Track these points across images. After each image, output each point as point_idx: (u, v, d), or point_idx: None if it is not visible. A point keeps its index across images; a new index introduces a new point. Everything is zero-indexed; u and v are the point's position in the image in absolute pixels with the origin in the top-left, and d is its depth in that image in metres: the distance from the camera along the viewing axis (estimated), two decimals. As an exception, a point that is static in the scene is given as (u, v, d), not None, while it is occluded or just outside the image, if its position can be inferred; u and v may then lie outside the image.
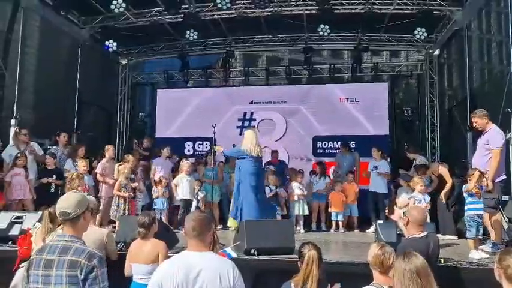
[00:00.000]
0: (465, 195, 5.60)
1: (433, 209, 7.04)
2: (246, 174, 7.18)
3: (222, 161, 9.56)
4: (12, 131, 8.40)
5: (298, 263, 3.49)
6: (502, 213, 5.93)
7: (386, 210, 8.39)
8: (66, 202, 2.62)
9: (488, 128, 5.87)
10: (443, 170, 7.73)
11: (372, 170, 8.90)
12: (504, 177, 5.84)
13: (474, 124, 5.99)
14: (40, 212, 5.33)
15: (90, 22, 10.94)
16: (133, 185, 7.45)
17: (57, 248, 2.50)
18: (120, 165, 7.62)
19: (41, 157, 7.95)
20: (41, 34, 10.01)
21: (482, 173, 5.45)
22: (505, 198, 6.17)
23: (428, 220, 6.61)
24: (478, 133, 6.06)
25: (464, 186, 5.71)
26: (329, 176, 9.65)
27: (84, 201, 2.70)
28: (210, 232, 2.74)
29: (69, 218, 2.57)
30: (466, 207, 5.65)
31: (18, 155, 7.24)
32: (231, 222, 8.14)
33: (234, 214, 7.29)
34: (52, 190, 7.48)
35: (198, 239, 2.61)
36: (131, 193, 7.35)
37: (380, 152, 9.04)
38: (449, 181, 7.50)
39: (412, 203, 6.49)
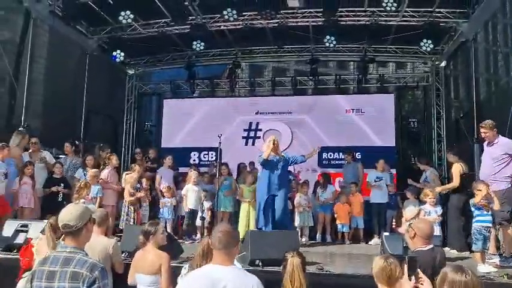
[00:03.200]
0: (472, 208, 5.54)
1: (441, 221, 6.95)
2: None
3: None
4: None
5: (282, 271, 3.33)
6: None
7: (394, 223, 8.31)
8: (68, 215, 2.59)
9: (496, 139, 5.82)
10: (455, 171, 7.25)
11: (375, 181, 8.81)
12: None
13: (483, 135, 5.91)
14: (46, 221, 5.32)
15: (99, 32, 11.07)
16: (139, 194, 7.46)
17: (60, 259, 2.48)
18: (128, 173, 7.62)
19: (52, 166, 7.99)
20: (50, 44, 10.14)
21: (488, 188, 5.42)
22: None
23: (439, 233, 6.55)
24: (481, 144, 6.00)
25: (471, 200, 5.64)
26: (333, 185, 9.57)
27: (86, 213, 2.67)
28: (237, 246, 2.69)
29: (71, 231, 2.56)
30: (473, 220, 5.58)
31: (27, 164, 7.29)
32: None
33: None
34: (60, 199, 7.50)
35: (223, 252, 2.56)
36: (142, 203, 7.37)
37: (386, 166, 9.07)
38: (456, 182, 7.11)
39: (422, 215, 6.43)
